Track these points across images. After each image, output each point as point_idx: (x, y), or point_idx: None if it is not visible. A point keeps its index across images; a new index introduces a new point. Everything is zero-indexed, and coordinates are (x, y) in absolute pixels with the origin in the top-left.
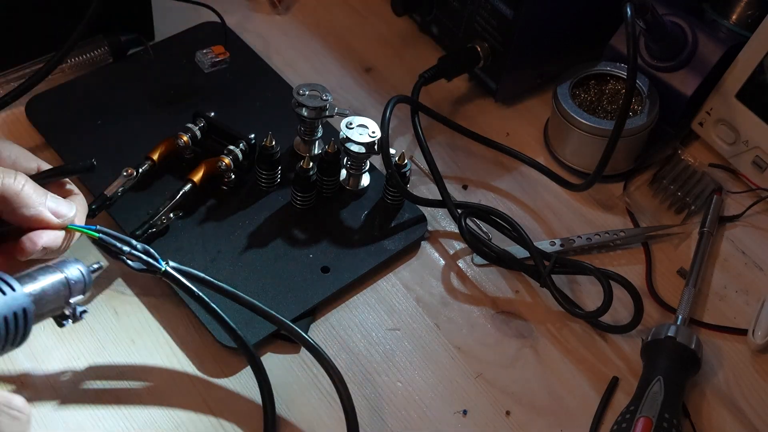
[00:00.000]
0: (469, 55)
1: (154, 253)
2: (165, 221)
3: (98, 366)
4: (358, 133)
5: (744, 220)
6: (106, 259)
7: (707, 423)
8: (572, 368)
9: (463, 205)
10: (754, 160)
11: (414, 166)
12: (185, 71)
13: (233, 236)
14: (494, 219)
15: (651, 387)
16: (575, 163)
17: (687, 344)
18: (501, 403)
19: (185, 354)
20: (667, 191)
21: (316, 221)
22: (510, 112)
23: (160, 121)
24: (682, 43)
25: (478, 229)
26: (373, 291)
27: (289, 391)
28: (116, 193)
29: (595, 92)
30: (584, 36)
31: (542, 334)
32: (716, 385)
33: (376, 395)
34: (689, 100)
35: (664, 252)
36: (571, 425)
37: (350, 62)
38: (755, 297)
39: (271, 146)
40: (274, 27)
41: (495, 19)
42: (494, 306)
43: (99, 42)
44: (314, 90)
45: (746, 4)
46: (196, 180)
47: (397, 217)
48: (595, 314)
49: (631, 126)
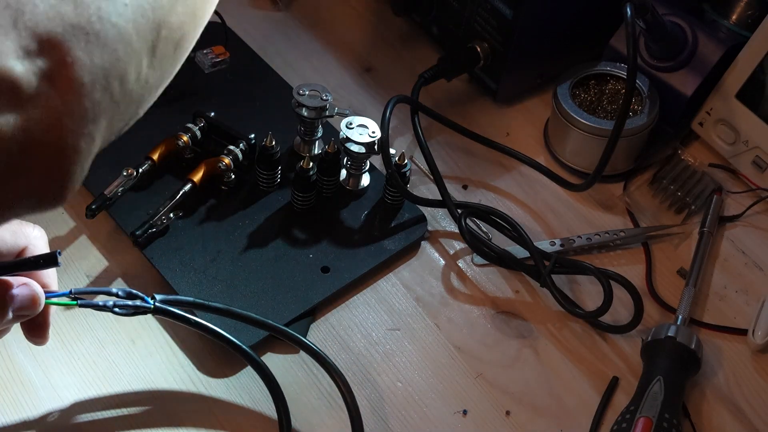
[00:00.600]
0: (469, 55)
1: (138, 293)
2: (165, 221)
3: (98, 366)
4: (358, 133)
5: (744, 220)
6: (106, 260)
7: (707, 423)
8: (572, 368)
9: (463, 205)
10: (754, 160)
11: (414, 166)
12: (185, 71)
13: (233, 236)
14: (494, 219)
15: (651, 387)
16: (575, 163)
17: (687, 344)
18: (501, 403)
19: (185, 354)
20: (667, 191)
21: (316, 221)
22: (510, 112)
23: (160, 121)
24: (682, 43)
25: (478, 229)
26: (373, 291)
27: (289, 391)
28: (116, 193)
29: (595, 92)
30: (584, 36)
31: (542, 334)
32: (716, 385)
33: (376, 395)
34: (689, 100)
35: (664, 252)
36: (571, 425)
37: (350, 62)
38: (755, 297)
39: (271, 146)
40: (274, 27)
41: (495, 19)
42: (494, 306)
43: None
44: (314, 90)
45: (746, 4)
46: (196, 180)
47: (397, 217)
48: (595, 314)
49: (631, 126)
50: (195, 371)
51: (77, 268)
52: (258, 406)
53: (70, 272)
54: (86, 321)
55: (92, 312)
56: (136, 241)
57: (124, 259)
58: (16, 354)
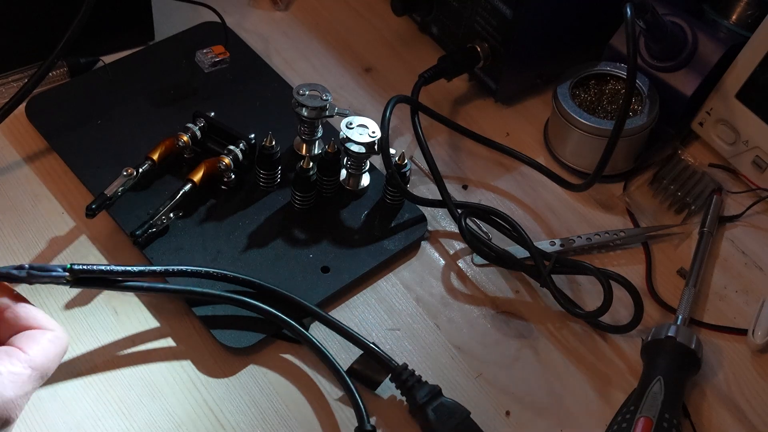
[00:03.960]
0: (469, 55)
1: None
2: (165, 221)
3: (98, 366)
4: (358, 133)
5: (744, 220)
6: None
7: (707, 423)
8: (572, 368)
9: (463, 205)
10: (754, 160)
11: (414, 166)
12: (185, 71)
13: (233, 236)
14: (494, 219)
15: (651, 387)
16: (575, 163)
17: (687, 344)
18: (501, 403)
19: (185, 354)
20: (667, 191)
21: (316, 221)
22: (510, 112)
23: (160, 121)
24: (682, 43)
25: (478, 229)
26: (373, 291)
27: (290, 391)
28: (116, 193)
29: (595, 92)
30: (584, 36)
31: (542, 334)
32: (716, 385)
33: (376, 395)
34: (689, 100)
35: (664, 252)
36: (571, 425)
37: (350, 62)
38: (755, 297)
39: (271, 146)
40: (274, 27)
41: (495, 19)
42: (494, 306)
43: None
44: (314, 90)
45: (746, 4)
46: (196, 180)
47: (397, 217)
48: (595, 314)
49: (631, 126)
50: (195, 371)
51: None
52: (258, 406)
53: None
54: (86, 321)
55: (92, 312)
56: (136, 241)
57: (124, 259)
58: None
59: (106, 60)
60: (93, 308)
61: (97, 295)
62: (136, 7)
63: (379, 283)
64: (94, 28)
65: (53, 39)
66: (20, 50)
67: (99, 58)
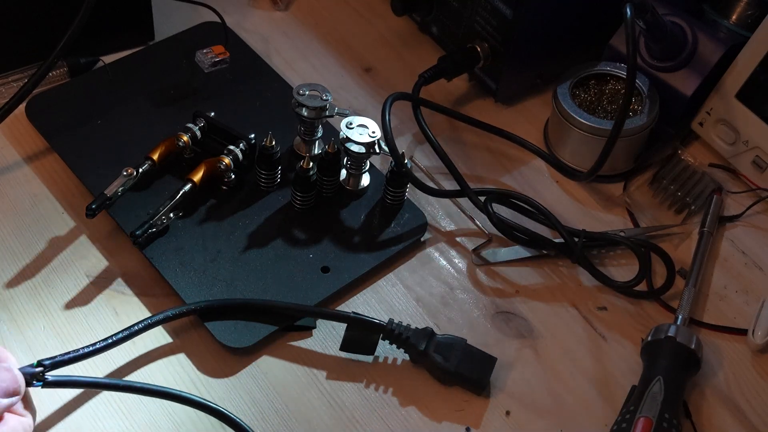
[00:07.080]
0: (469, 55)
1: None
2: (165, 221)
3: (98, 366)
4: (358, 133)
5: (744, 220)
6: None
7: (707, 423)
8: (572, 368)
9: (482, 191)
10: (754, 160)
11: (414, 166)
12: (185, 71)
13: (233, 236)
14: (516, 203)
15: (651, 387)
16: (575, 163)
17: (687, 344)
18: (501, 403)
19: (185, 354)
20: (667, 191)
21: (316, 221)
22: (510, 112)
23: (160, 121)
24: (682, 43)
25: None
26: (373, 291)
27: (290, 391)
28: (116, 193)
29: (595, 92)
30: (584, 36)
31: (542, 334)
32: (716, 385)
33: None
34: (689, 100)
35: None
36: (571, 425)
37: (350, 62)
38: (755, 297)
39: (271, 146)
40: (274, 27)
41: (495, 19)
42: (494, 306)
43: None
44: (314, 90)
45: (746, 4)
46: (196, 180)
47: (397, 217)
48: (632, 284)
49: (631, 126)
50: (195, 371)
51: (77, 268)
52: (258, 406)
53: (70, 273)
54: (86, 321)
55: (92, 312)
56: (136, 241)
57: (124, 259)
58: (16, 353)
59: (106, 60)
60: (93, 308)
61: (98, 295)
62: (136, 7)
63: (379, 283)
64: (94, 28)
65: (53, 39)
66: (20, 50)
67: (99, 58)
